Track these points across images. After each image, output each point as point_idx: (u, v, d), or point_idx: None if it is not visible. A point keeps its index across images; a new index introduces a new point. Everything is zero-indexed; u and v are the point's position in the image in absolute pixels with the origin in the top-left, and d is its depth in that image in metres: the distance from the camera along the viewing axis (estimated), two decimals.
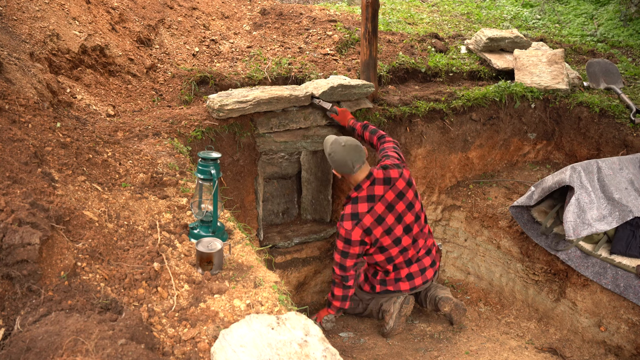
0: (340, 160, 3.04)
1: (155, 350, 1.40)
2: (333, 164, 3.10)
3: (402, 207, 3.12)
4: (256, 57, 4.23)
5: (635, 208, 3.23)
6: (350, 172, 3.06)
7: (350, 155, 3.02)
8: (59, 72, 3.05)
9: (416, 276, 3.29)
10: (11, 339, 1.30)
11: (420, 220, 3.23)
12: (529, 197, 3.47)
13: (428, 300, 3.49)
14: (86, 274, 1.61)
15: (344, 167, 3.05)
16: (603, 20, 6.56)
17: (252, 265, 1.95)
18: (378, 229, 3.06)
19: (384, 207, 3.07)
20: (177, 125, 3.10)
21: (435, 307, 3.47)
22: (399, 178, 3.11)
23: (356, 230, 3.03)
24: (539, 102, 4.35)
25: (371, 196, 3.06)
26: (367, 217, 3.04)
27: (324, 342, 1.48)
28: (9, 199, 1.55)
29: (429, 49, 4.87)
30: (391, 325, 3.35)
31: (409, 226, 3.15)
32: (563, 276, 3.48)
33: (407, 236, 3.17)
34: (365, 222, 3.03)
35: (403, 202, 3.12)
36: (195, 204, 2.11)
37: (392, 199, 3.09)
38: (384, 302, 3.38)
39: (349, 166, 3.04)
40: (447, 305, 3.43)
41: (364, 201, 3.05)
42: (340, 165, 3.05)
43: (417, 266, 3.28)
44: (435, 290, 3.48)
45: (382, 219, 3.06)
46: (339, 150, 3.04)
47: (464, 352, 3.27)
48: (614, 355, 3.21)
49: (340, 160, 3.04)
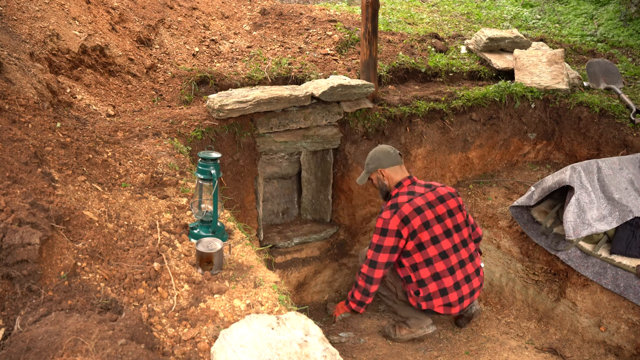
0: (384, 150, 3.09)
1: (155, 350, 1.40)
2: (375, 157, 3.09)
3: (442, 210, 2.99)
4: (256, 57, 4.23)
5: (635, 208, 3.22)
6: (395, 162, 3.06)
7: (391, 148, 3.12)
8: (59, 72, 3.05)
9: (465, 299, 3.03)
10: (11, 339, 1.30)
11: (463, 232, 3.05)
12: (529, 197, 3.47)
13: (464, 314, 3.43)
14: (86, 274, 1.61)
15: (385, 156, 3.06)
16: (603, 20, 6.56)
17: (252, 265, 1.95)
18: (416, 220, 2.89)
19: (424, 202, 2.95)
20: (177, 125, 3.10)
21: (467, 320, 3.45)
22: (451, 198, 3.04)
23: (394, 218, 2.88)
24: (539, 102, 4.35)
25: (412, 192, 2.99)
26: (406, 206, 2.91)
27: (324, 342, 1.48)
28: (9, 199, 1.55)
29: (429, 49, 4.87)
30: (403, 339, 3.31)
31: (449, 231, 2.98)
32: (563, 276, 3.48)
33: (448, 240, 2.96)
34: (404, 210, 2.89)
35: (443, 207, 2.99)
36: (195, 204, 2.11)
37: (433, 199, 2.98)
38: (412, 318, 3.21)
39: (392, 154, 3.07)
40: (477, 316, 3.42)
41: (404, 194, 2.98)
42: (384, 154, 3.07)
43: (467, 288, 3.01)
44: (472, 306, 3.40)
45: (421, 210, 2.92)
46: (379, 147, 3.13)
47: (464, 352, 3.27)
48: (614, 355, 3.21)
49: (384, 149, 3.09)
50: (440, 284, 2.94)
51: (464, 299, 3.00)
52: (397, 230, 2.89)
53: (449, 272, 2.93)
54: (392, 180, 3.06)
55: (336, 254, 4.02)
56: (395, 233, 2.89)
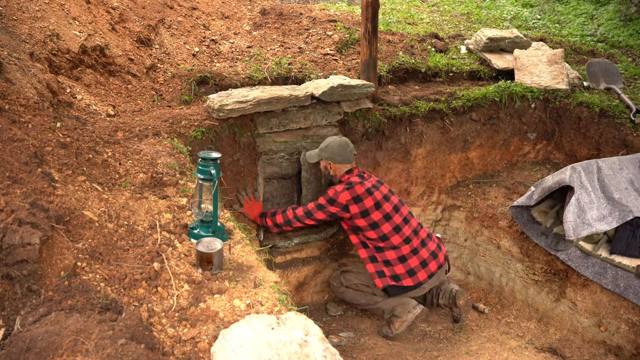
0: (341, 146, 3.30)
1: (155, 350, 1.40)
2: (331, 150, 3.29)
3: (386, 190, 3.34)
4: (256, 57, 4.23)
5: (635, 208, 3.22)
6: (346, 161, 3.31)
7: (349, 146, 3.34)
8: (59, 72, 3.05)
9: (429, 262, 3.31)
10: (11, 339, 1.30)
11: (405, 207, 3.40)
12: (529, 197, 3.47)
13: (442, 294, 3.52)
14: (86, 274, 1.61)
15: (340, 152, 3.28)
16: (603, 20, 6.56)
17: (252, 265, 1.95)
18: (369, 200, 3.20)
19: (372, 184, 3.27)
20: (177, 125, 3.10)
21: (451, 301, 3.50)
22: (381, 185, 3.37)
23: (345, 193, 3.20)
24: (539, 102, 4.35)
25: (361, 175, 3.30)
26: (359, 187, 3.22)
27: (324, 342, 1.48)
28: (9, 199, 1.55)
29: (429, 49, 4.87)
30: (400, 331, 3.36)
31: (396, 207, 3.30)
32: (563, 276, 3.48)
33: (398, 215, 3.28)
34: (357, 189, 3.20)
35: (384, 187, 3.35)
36: (195, 204, 2.11)
37: (375, 182, 3.33)
38: (397, 306, 3.36)
39: (347, 153, 3.30)
40: (462, 298, 3.49)
41: (355, 176, 3.30)
42: (341, 150, 3.29)
43: (426, 252, 3.32)
44: (449, 284, 3.54)
45: (371, 191, 3.22)
46: (338, 140, 3.34)
47: (464, 352, 3.27)
48: (614, 355, 3.21)
49: (342, 146, 3.30)
50: (399, 252, 3.25)
51: (427, 263, 3.30)
52: (344, 205, 3.21)
53: (405, 243, 3.26)
54: (339, 173, 3.37)
55: (336, 254, 4.02)
56: (342, 206, 3.22)
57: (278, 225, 3.37)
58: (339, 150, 3.30)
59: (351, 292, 3.47)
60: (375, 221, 3.21)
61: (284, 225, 3.36)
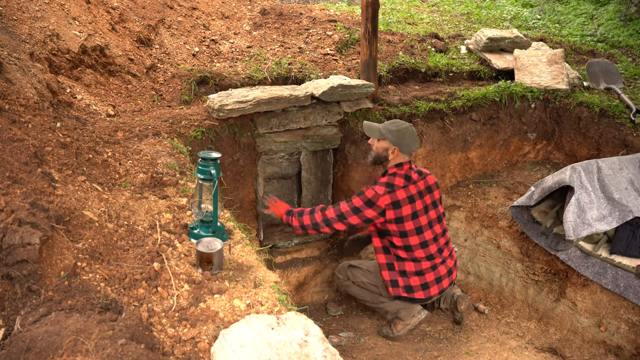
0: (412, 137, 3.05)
1: (155, 350, 1.40)
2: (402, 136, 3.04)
3: (429, 200, 3.12)
4: (256, 57, 4.23)
5: (635, 208, 3.22)
6: (409, 153, 3.07)
7: (417, 139, 3.13)
8: (59, 72, 3.05)
9: (444, 278, 3.21)
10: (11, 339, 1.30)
11: (443, 223, 3.24)
12: (529, 197, 3.47)
13: (443, 298, 3.49)
14: (86, 274, 1.61)
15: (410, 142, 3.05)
16: (603, 20, 6.56)
17: (252, 265, 1.95)
18: (407, 208, 3.00)
19: (416, 191, 3.05)
20: (177, 125, 3.10)
21: (452, 305, 3.48)
22: (430, 175, 3.20)
23: (386, 197, 2.95)
24: (539, 102, 4.35)
25: (408, 176, 3.06)
26: (401, 192, 2.99)
27: (324, 342, 1.48)
28: (9, 199, 1.55)
29: (429, 49, 4.87)
30: (401, 334, 3.35)
31: (431, 222, 3.14)
32: (563, 276, 3.48)
33: (430, 231, 3.11)
34: (399, 194, 2.98)
35: (430, 197, 3.13)
36: (195, 204, 2.11)
37: (423, 189, 3.11)
38: (402, 309, 3.30)
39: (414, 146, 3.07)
40: (463, 303, 3.46)
41: (401, 177, 3.03)
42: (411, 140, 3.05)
43: (444, 268, 3.20)
44: (450, 289, 3.50)
45: (413, 199, 3.02)
46: (412, 129, 3.08)
47: (464, 352, 3.27)
48: (614, 355, 3.21)
49: (414, 138, 3.07)
50: (418, 266, 3.11)
51: (441, 279, 3.19)
52: (383, 209, 2.97)
53: (427, 259, 3.12)
54: (393, 162, 3.09)
55: (336, 254, 4.02)
56: (379, 210, 2.97)
57: (304, 227, 3.11)
58: (410, 140, 3.05)
59: (356, 288, 3.42)
60: (406, 230, 3.04)
61: (310, 228, 3.10)
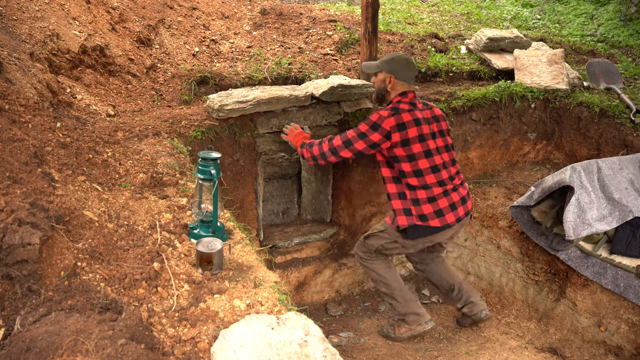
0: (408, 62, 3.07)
1: (155, 350, 1.40)
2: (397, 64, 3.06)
3: (436, 128, 3.08)
4: (256, 57, 4.23)
5: (635, 208, 3.22)
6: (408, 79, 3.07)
7: (414, 66, 3.12)
8: (59, 72, 3.05)
9: (458, 206, 3.08)
10: (11, 339, 1.30)
11: (452, 153, 3.15)
12: (529, 197, 3.47)
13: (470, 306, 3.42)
14: (86, 274, 1.61)
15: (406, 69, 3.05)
16: (603, 20, 6.56)
17: (252, 265, 1.95)
18: (413, 130, 2.95)
19: (421, 117, 3.01)
20: (177, 125, 3.10)
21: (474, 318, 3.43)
22: (443, 120, 3.14)
23: (390, 119, 2.92)
24: (539, 102, 4.35)
25: (413, 103, 3.04)
26: (406, 114, 2.96)
27: (324, 342, 1.48)
28: (9, 199, 1.55)
29: (429, 49, 4.87)
30: (403, 338, 3.33)
31: (439, 149, 3.07)
32: (563, 276, 3.48)
33: (439, 157, 3.04)
34: (404, 117, 2.94)
35: (437, 126, 3.09)
36: (195, 204, 2.11)
37: (429, 117, 3.07)
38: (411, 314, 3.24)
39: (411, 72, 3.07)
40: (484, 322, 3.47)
41: (406, 103, 3.02)
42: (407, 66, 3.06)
43: (457, 195, 3.08)
44: (470, 293, 3.43)
45: (419, 122, 2.98)
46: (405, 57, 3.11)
47: (464, 352, 3.28)
48: (614, 355, 3.21)
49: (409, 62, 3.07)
50: (430, 192, 3.00)
51: (456, 206, 3.06)
52: (388, 131, 2.92)
53: (438, 184, 3.01)
54: (395, 91, 3.08)
55: (336, 254, 4.02)
56: (385, 133, 2.92)
57: (315, 157, 3.10)
58: (405, 66, 3.04)
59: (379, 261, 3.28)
60: (414, 153, 2.95)
61: (320, 158, 3.09)
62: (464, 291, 3.41)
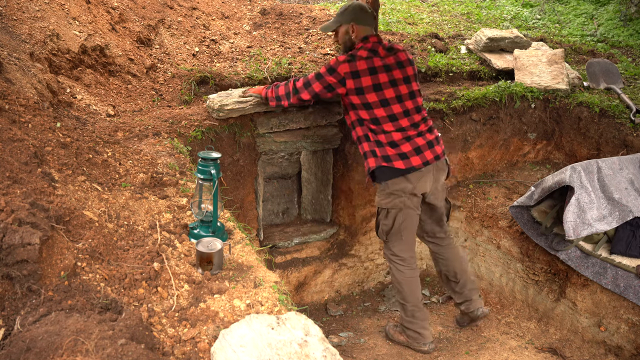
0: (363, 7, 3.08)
1: (155, 350, 1.40)
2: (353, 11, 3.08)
3: (399, 75, 3.03)
4: (256, 57, 4.23)
5: (635, 208, 3.22)
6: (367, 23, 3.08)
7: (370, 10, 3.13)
8: (59, 72, 3.05)
9: (424, 149, 3.04)
10: (11, 339, 1.30)
11: (417, 100, 3.09)
12: (529, 197, 3.47)
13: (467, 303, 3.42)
14: (86, 274, 1.61)
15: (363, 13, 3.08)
16: (603, 20, 6.56)
17: (252, 265, 1.95)
18: (367, 79, 2.95)
19: (381, 64, 2.98)
20: (177, 125, 3.10)
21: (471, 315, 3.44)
22: (402, 52, 3.09)
23: (345, 65, 2.93)
24: (539, 102, 4.35)
25: (374, 50, 3.00)
26: (361, 62, 2.95)
27: (324, 342, 1.48)
28: (9, 199, 1.55)
29: (429, 49, 4.87)
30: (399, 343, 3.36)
31: (401, 97, 3.02)
32: (563, 276, 3.48)
33: (399, 105, 3.01)
34: (359, 65, 2.94)
35: (401, 72, 3.04)
36: (195, 204, 2.11)
37: (392, 63, 3.02)
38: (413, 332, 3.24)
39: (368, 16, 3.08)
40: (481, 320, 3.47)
41: (365, 50, 2.99)
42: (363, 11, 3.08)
43: (422, 140, 3.04)
44: (479, 300, 3.44)
45: (375, 71, 2.96)
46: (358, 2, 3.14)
47: (464, 352, 3.28)
48: (614, 355, 3.21)
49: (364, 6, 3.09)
50: (389, 137, 2.99)
51: (421, 150, 3.02)
52: (342, 77, 2.94)
53: (398, 131, 2.99)
54: (359, 36, 3.06)
55: (336, 254, 4.02)
56: (339, 78, 2.94)
57: (279, 97, 3.11)
58: (361, 10, 3.06)
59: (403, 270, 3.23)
60: (369, 102, 2.96)
61: (283, 98, 3.10)
62: (466, 289, 3.41)
